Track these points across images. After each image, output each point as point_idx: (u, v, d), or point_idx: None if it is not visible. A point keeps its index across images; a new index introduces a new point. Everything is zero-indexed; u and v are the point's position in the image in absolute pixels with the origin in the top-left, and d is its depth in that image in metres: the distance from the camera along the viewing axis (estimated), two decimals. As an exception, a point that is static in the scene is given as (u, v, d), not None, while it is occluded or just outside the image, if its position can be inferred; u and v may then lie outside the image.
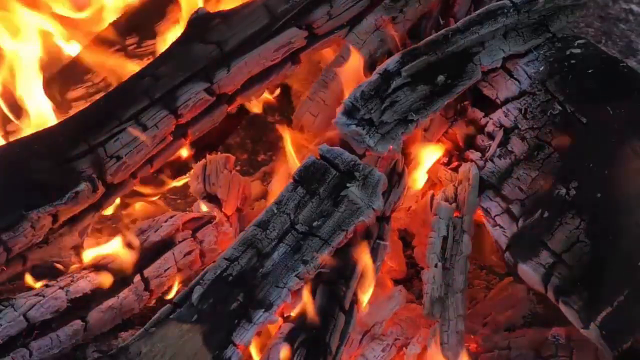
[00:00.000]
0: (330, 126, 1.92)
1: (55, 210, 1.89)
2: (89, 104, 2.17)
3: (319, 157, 1.80)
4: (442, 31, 1.96)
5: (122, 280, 2.00)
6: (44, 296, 1.90)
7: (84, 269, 2.02)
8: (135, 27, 2.49)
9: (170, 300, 1.71)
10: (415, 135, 1.98)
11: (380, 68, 1.89)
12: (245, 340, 1.63)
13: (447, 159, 2.11)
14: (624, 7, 3.00)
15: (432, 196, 2.01)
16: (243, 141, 2.59)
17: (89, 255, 2.06)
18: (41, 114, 2.32)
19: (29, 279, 2.01)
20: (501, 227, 1.90)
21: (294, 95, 2.57)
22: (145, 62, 2.34)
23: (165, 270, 2.05)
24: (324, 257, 1.72)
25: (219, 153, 2.31)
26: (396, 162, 1.95)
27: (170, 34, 2.41)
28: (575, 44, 2.02)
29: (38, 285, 1.99)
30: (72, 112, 2.28)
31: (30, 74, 2.36)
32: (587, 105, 1.92)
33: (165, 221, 2.11)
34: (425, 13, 2.21)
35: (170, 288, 2.07)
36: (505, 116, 1.98)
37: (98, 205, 1.99)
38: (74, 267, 2.07)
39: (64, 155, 1.93)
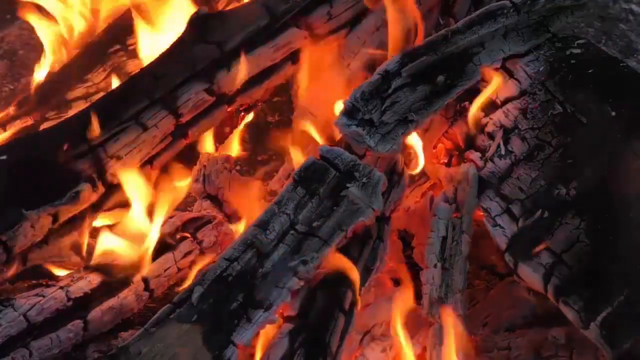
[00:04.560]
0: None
1: (55, 210, 1.89)
2: (88, 104, 2.18)
3: (318, 157, 1.80)
4: (442, 31, 1.96)
5: (122, 280, 2.00)
6: (44, 296, 1.90)
7: (84, 268, 2.02)
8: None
9: (170, 300, 1.71)
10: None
11: (380, 68, 1.89)
12: (245, 340, 1.63)
13: (447, 159, 2.11)
14: (624, 7, 3.00)
15: (432, 197, 2.02)
16: (243, 141, 2.59)
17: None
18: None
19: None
20: (501, 227, 1.90)
21: (294, 95, 2.57)
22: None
23: (165, 270, 2.05)
24: (324, 257, 1.72)
25: (219, 153, 2.32)
26: (396, 162, 1.95)
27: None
28: (575, 44, 2.02)
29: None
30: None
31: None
32: (587, 105, 1.92)
33: (165, 221, 2.11)
34: (425, 13, 2.20)
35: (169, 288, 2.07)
36: (506, 116, 1.98)
37: (98, 205, 1.99)
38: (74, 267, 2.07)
39: (64, 155, 1.93)
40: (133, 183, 2.00)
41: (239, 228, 2.17)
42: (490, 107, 2.02)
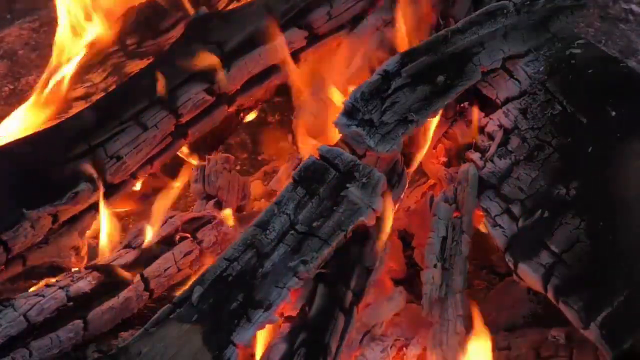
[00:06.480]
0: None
1: (55, 210, 1.89)
2: (89, 104, 2.18)
3: (318, 157, 1.80)
4: (442, 31, 1.96)
5: (122, 280, 2.00)
6: (44, 296, 1.90)
7: (84, 268, 2.02)
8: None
9: (170, 300, 1.71)
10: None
11: (380, 69, 1.89)
12: (245, 340, 1.63)
13: (447, 159, 2.11)
14: (624, 7, 3.00)
15: (432, 197, 2.02)
16: (243, 141, 2.59)
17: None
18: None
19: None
20: (501, 227, 1.90)
21: (294, 95, 2.57)
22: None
23: (165, 270, 2.05)
24: (324, 257, 1.72)
25: (219, 153, 2.32)
26: (396, 162, 1.95)
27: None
28: (575, 44, 2.02)
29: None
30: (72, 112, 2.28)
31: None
32: (587, 105, 1.92)
33: (165, 221, 2.11)
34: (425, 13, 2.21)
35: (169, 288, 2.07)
36: (506, 116, 1.98)
37: (98, 205, 1.99)
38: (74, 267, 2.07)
39: (64, 155, 1.93)
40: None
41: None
42: (490, 107, 2.02)
